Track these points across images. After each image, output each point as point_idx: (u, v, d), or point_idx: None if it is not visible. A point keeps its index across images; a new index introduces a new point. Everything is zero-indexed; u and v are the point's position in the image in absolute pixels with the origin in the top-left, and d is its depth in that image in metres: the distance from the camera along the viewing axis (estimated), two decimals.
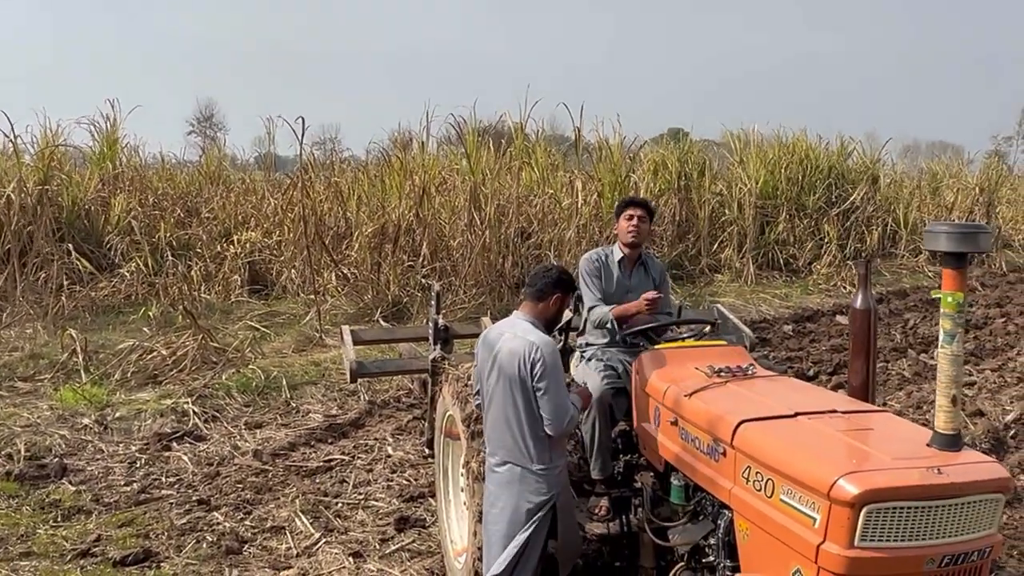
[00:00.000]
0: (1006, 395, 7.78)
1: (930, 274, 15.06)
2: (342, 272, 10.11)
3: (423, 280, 9.84)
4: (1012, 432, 6.66)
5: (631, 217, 4.69)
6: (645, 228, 4.74)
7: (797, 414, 3.07)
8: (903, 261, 16.24)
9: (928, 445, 2.70)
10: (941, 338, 2.64)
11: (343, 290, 9.98)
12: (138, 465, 5.96)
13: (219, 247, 10.91)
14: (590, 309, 4.58)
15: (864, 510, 2.48)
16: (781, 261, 14.14)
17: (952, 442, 2.66)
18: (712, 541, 3.20)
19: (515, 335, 3.50)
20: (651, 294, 4.31)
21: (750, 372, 3.66)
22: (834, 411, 3.11)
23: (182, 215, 11.75)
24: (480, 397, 3.73)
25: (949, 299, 2.60)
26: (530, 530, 3.42)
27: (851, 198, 15.71)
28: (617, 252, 4.72)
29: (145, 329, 8.35)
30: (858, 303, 3.61)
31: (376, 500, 5.45)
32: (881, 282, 14.40)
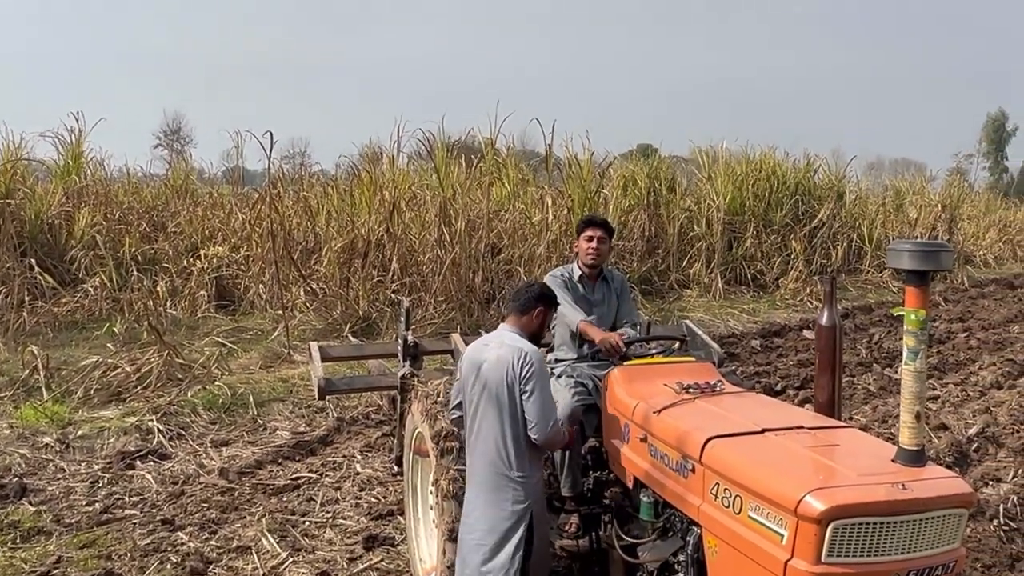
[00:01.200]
0: (969, 409, 7.90)
1: (894, 289, 15.30)
2: (311, 287, 10.03)
3: (393, 295, 9.79)
4: (975, 445, 6.76)
5: (591, 239, 4.75)
6: (605, 249, 4.81)
7: (764, 430, 3.10)
8: (868, 276, 16.49)
9: (893, 461, 2.73)
10: (904, 355, 2.67)
11: (312, 305, 9.91)
12: (100, 484, 5.84)
13: (186, 262, 10.80)
14: (562, 313, 4.58)
15: (831, 526, 2.49)
16: (749, 276, 14.29)
17: (916, 457, 2.69)
18: (681, 558, 3.20)
19: (503, 343, 3.61)
20: (616, 340, 4.27)
21: (718, 388, 3.68)
22: (801, 427, 3.14)
23: (148, 229, 11.62)
24: (460, 410, 3.75)
25: (912, 316, 2.63)
26: (519, 533, 3.44)
27: (817, 214, 15.94)
28: (577, 271, 4.76)
29: (109, 345, 8.21)
30: (823, 319, 3.65)
31: (344, 518, 5.40)
32: (847, 297, 14.60)
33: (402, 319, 5.55)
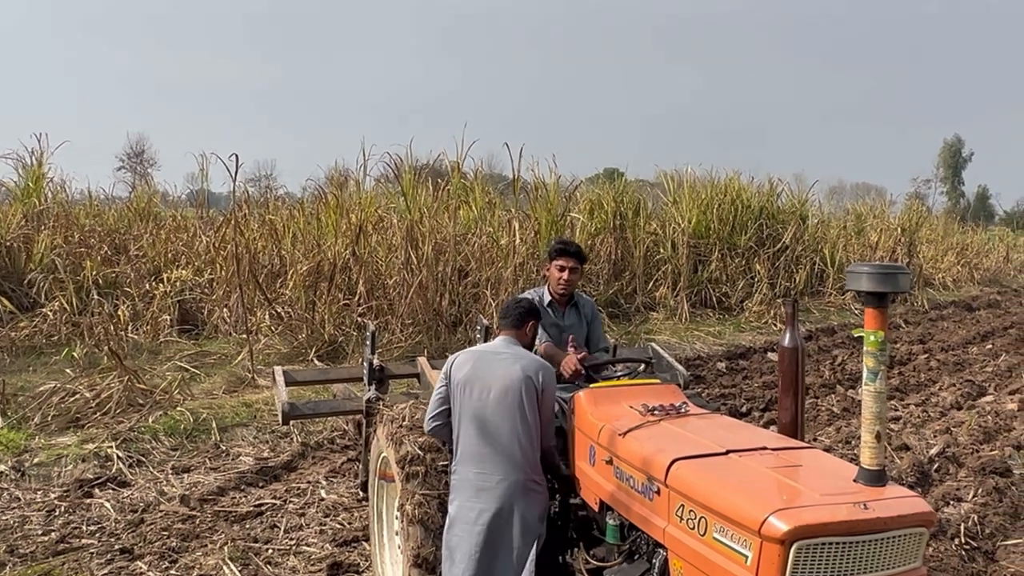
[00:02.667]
0: (930, 429, 8.02)
1: (856, 311, 15.52)
2: (276, 311, 9.94)
3: (359, 319, 9.74)
4: (936, 466, 6.85)
5: (563, 268, 4.75)
6: (575, 278, 4.83)
7: (729, 451, 3.11)
8: (831, 299, 16.73)
9: (855, 481, 2.75)
10: (865, 376, 2.71)
11: (277, 329, 9.81)
12: (57, 513, 5.70)
13: (148, 285, 10.64)
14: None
15: (794, 547, 2.50)
16: (714, 299, 14.43)
17: (877, 477, 2.72)
18: None
19: (519, 355, 3.80)
20: (575, 363, 4.28)
21: (683, 410, 3.69)
22: (764, 448, 3.16)
23: (109, 253, 11.44)
24: (442, 419, 3.80)
25: (871, 337, 2.67)
26: (541, 539, 3.63)
27: (781, 238, 16.17)
28: (547, 296, 4.78)
29: (68, 371, 8.05)
30: (786, 341, 3.69)
31: (308, 545, 5.31)
32: (810, 320, 14.79)
33: (368, 342, 5.51)
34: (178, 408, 7.46)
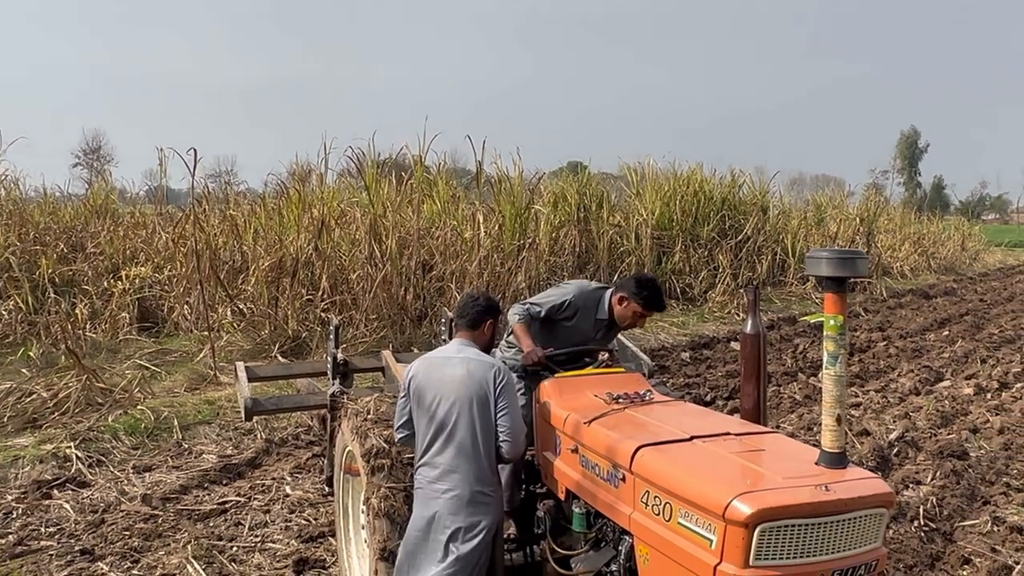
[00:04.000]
0: (889, 415, 8.16)
1: (817, 300, 15.73)
2: (238, 307, 9.82)
3: (322, 314, 9.65)
4: (896, 450, 6.97)
5: (642, 317, 4.50)
6: (642, 324, 4.78)
7: (693, 438, 3.13)
8: (792, 289, 16.95)
9: (816, 464, 2.79)
10: (825, 359, 2.74)
11: (239, 326, 9.69)
12: (15, 515, 5.58)
13: (106, 283, 10.45)
14: (531, 307, 4.50)
15: (758, 529, 2.53)
16: (678, 290, 14.54)
17: (838, 460, 2.75)
18: (614, 568, 3.21)
19: (469, 358, 3.64)
20: (540, 355, 4.22)
21: (648, 398, 3.71)
22: (728, 433, 3.19)
23: (66, 250, 11.21)
24: (407, 429, 3.70)
25: (831, 322, 2.70)
26: (485, 549, 3.50)
27: (743, 229, 16.34)
28: (605, 312, 4.51)
29: (24, 370, 7.87)
30: (748, 328, 3.72)
31: (273, 542, 5.26)
32: (772, 309, 14.97)
33: (331, 337, 5.46)
34: (139, 407, 7.34)
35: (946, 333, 13.32)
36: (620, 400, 3.62)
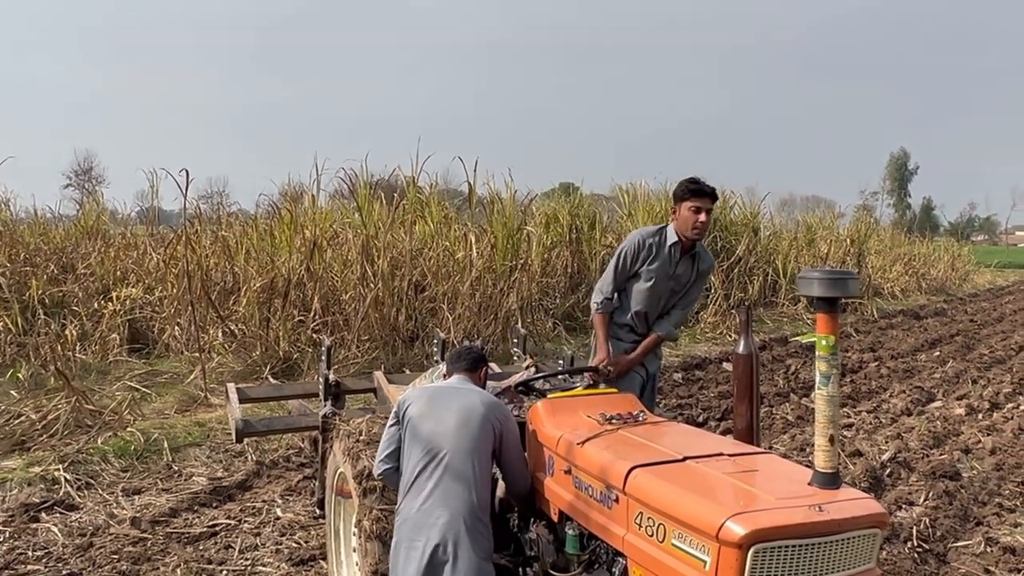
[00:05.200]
0: (881, 435, 8.16)
1: (809, 321, 15.77)
2: (229, 328, 9.78)
3: (314, 335, 9.62)
4: (888, 471, 6.96)
5: (699, 210, 4.49)
6: (709, 221, 4.62)
7: (686, 458, 3.12)
8: (783, 309, 17.01)
9: (809, 484, 2.78)
10: (817, 380, 2.74)
11: (230, 347, 9.65)
12: (2, 539, 5.51)
13: (96, 304, 10.41)
14: (602, 282, 4.77)
15: (751, 550, 2.52)
16: None
17: (831, 480, 2.75)
18: None
19: (475, 390, 3.70)
20: (607, 366, 4.41)
21: (641, 418, 3.70)
22: (721, 454, 3.18)
23: (56, 271, 11.16)
24: (391, 461, 3.64)
25: (823, 342, 2.71)
26: None
27: (734, 250, 16.40)
28: (672, 236, 4.58)
29: (13, 392, 7.82)
30: (740, 348, 3.73)
31: (264, 565, 5.21)
32: (763, 330, 15.00)
33: (323, 358, 5.45)
34: (128, 429, 7.28)
35: (937, 353, 13.36)
36: (613, 421, 3.61)
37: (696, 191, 4.54)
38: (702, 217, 4.54)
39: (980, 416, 9.13)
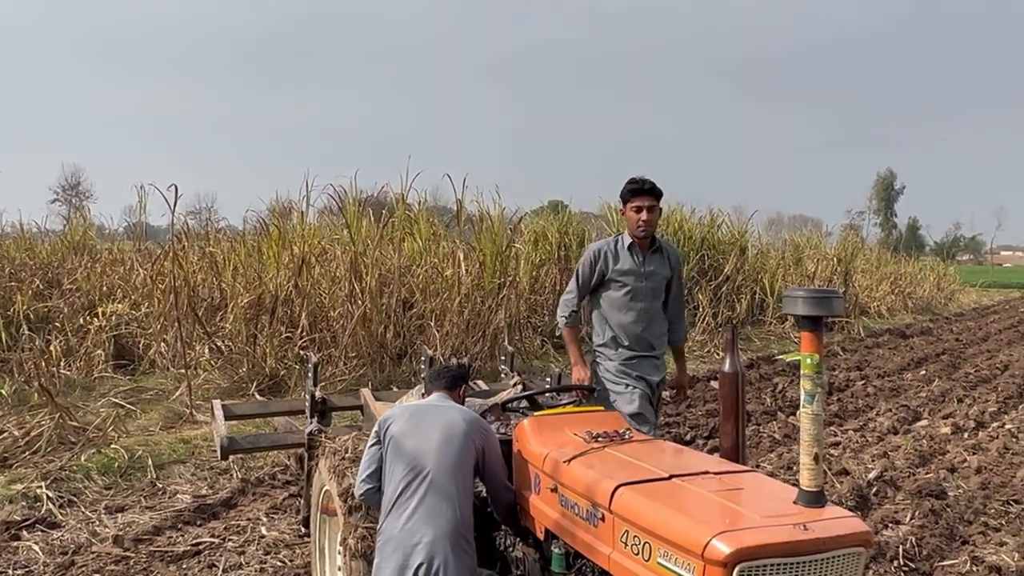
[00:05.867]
0: (868, 454, 8.18)
1: (795, 340, 15.81)
2: (215, 345, 9.73)
3: (301, 352, 9.58)
4: (875, 489, 6.97)
5: (639, 209, 4.57)
6: (655, 218, 4.65)
7: (672, 477, 3.12)
8: (771, 328, 17.06)
9: (795, 502, 2.79)
10: (802, 398, 2.75)
11: (216, 363, 9.60)
12: None
13: (82, 320, 10.34)
14: (565, 295, 4.82)
15: (736, 569, 2.51)
16: None
17: (816, 499, 2.75)
18: None
19: (456, 407, 3.70)
20: (584, 379, 4.42)
21: (627, 437, 3.70)
22: (707, 472, 3.18)
23: (42, 287, 11.10)
24: (373, 481, 3.61)
25: (808, 360, 2.72)
26: None
27: (722, 268, 16.46)
28: (627, 239, 4.65)
29: None
30: (726, 366, 3.74)
31: None
32: (751, 348, 15.03)
33: (310, 374, 5.42)
34: (112, 446, 7.22)
35: (923, 372, 13.42)
36: (600, 439, 3.61)
37: (635, 190, 4.62)
38: (644, 216, 4.59)
39: (966, 435, 9.16)
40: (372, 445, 3.67)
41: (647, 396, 4.87)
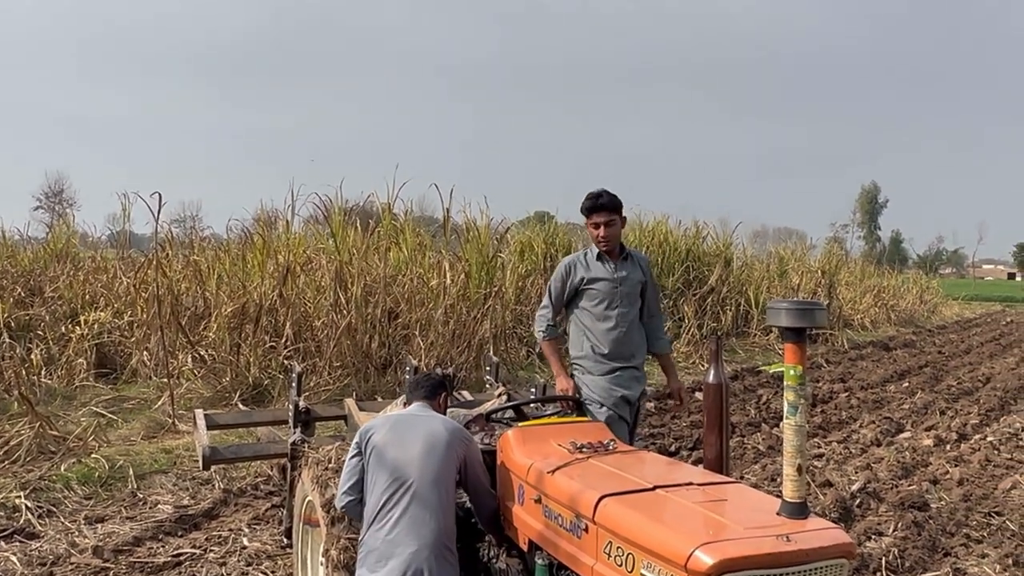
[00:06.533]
0: (851, 465, 8.20)
1: (780, 351, 15.86)
2: (199, 354, 9.67)
3: (285, 362, 9.53)
4: (858, 501, 6.99)
5: (597, 225, 4.63)
6: (615, 231, 4.68)
7: (656, 487, 3.12)
8: (755, 339, 17.12)
9: (778, 514, 2.79)
10: (786, 410, 2.76)
11: (199, 373, 9.53)
12: None
13: (64, 328, 10.25)
14: (540, 310, 4.88)
15: None
16: None
17: (799, 510, 2.76)
18: None
19: (433, 416, 3.69)
20: (568, 389, 4.38)
21: (611, 447, 3.70)
22: (691, 483, 3.18)
23: (23, 294, 11.01)
24: (355, 493, 3.59)
25: (791, 372, 2.73)
26: None
27: (707, 280, 16.52)
28: (594, 249, 4.73)
29: None
30: (710, 378, 3.75)
31: None
32: (736, 360, 15.07)
33: (293, 384, 5.40)
34: (93, 455, 7.15)
35: (906, 384, 13.49)
36: (584, 449, 3.61)
37: (591, 207, 4.68)
38: (602, 231, 4.65)
39: (948, 447, 9.21)
40: (353, 456, 3.65)
41: (623, 421, 4.84)
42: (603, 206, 4.66)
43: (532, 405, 4.62)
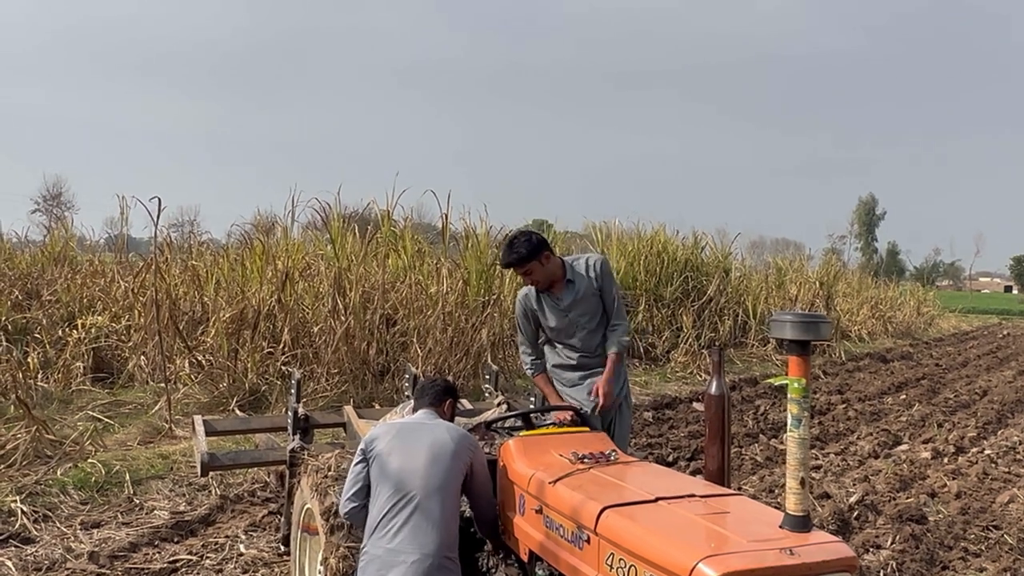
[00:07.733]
0: (849, 477, 8.20)
1: (778, 362, 15.89)
2: (196, 359, 9.64)
3: (283, 368, 9.52)
4: (856, 513, 6.98)
5: (522, 275, 4.71)
6: (540, 273, 4.66)
7: (658, 499, 3.11)
8: (753, 350, 17.11)
9: (780, 527, 2.78)
10: (789, 422, 2.76)
11: (197, 378, 9.51)
12: None
13: (61, 332, 10.23)
14: (521, 347, 5.05)
15: None
16: (641, 349, 14.59)
17: (802, 523, 2.75)
18: None
19: (439, 424, 3.67)
20: (565, 417, 4.37)
21: (613, 458, 3.69)
22: (693, 495, 3.17)
23: (20, 297, 10.98)
24: (359, 499, 3.58)
25: (795, 384, 2.72)
26: None
27: (705, 290, 16.53)
28: (534, 289, 4.79)
29: None
30: (712, 389, 3.74)
31: None
32: (733, 370, 15.07)
33: (292, 391, 5.38)
34: (89, 460, 7.12)
35: (903, 397, 13.49)
36: (585, 460, 3.60)
37: (504, 265, 4.81)
38: (528, 280, 4.72)
39: (946, 460, 9.21)
40: (358, 463, 3.64)
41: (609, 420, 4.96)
42: (512, 263, 4.67)
43: (533, 414, 4.60)
